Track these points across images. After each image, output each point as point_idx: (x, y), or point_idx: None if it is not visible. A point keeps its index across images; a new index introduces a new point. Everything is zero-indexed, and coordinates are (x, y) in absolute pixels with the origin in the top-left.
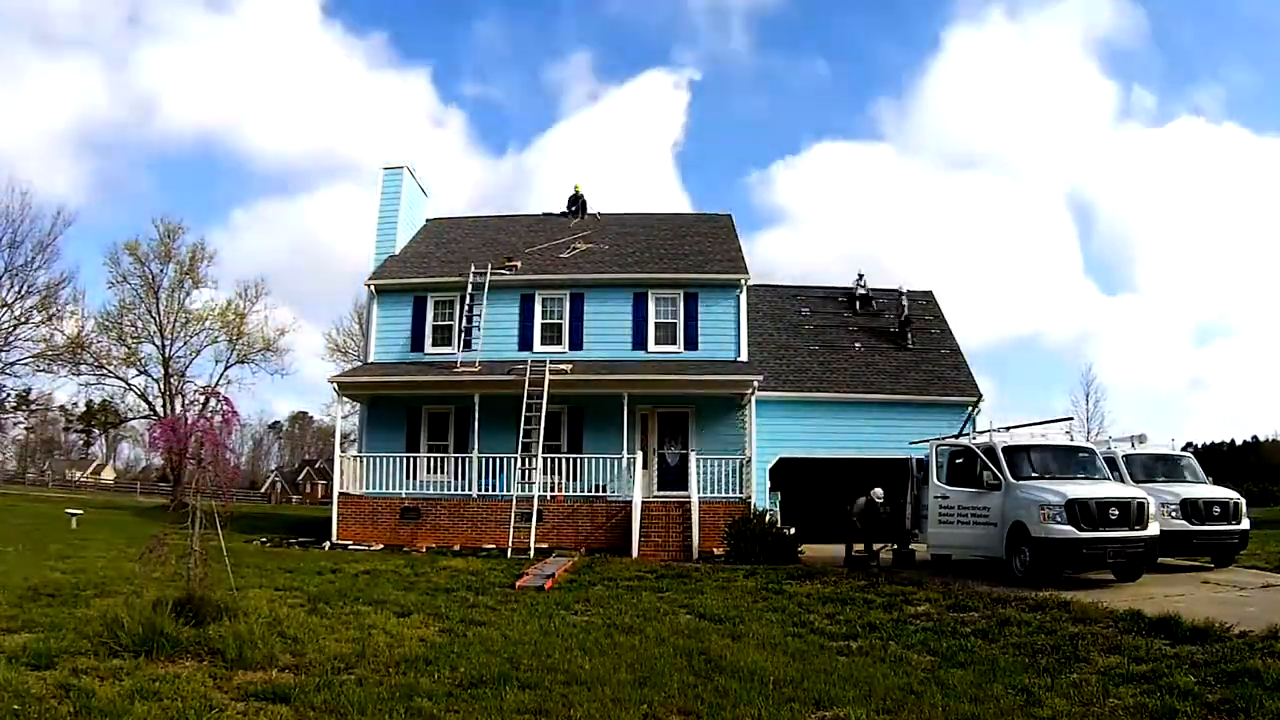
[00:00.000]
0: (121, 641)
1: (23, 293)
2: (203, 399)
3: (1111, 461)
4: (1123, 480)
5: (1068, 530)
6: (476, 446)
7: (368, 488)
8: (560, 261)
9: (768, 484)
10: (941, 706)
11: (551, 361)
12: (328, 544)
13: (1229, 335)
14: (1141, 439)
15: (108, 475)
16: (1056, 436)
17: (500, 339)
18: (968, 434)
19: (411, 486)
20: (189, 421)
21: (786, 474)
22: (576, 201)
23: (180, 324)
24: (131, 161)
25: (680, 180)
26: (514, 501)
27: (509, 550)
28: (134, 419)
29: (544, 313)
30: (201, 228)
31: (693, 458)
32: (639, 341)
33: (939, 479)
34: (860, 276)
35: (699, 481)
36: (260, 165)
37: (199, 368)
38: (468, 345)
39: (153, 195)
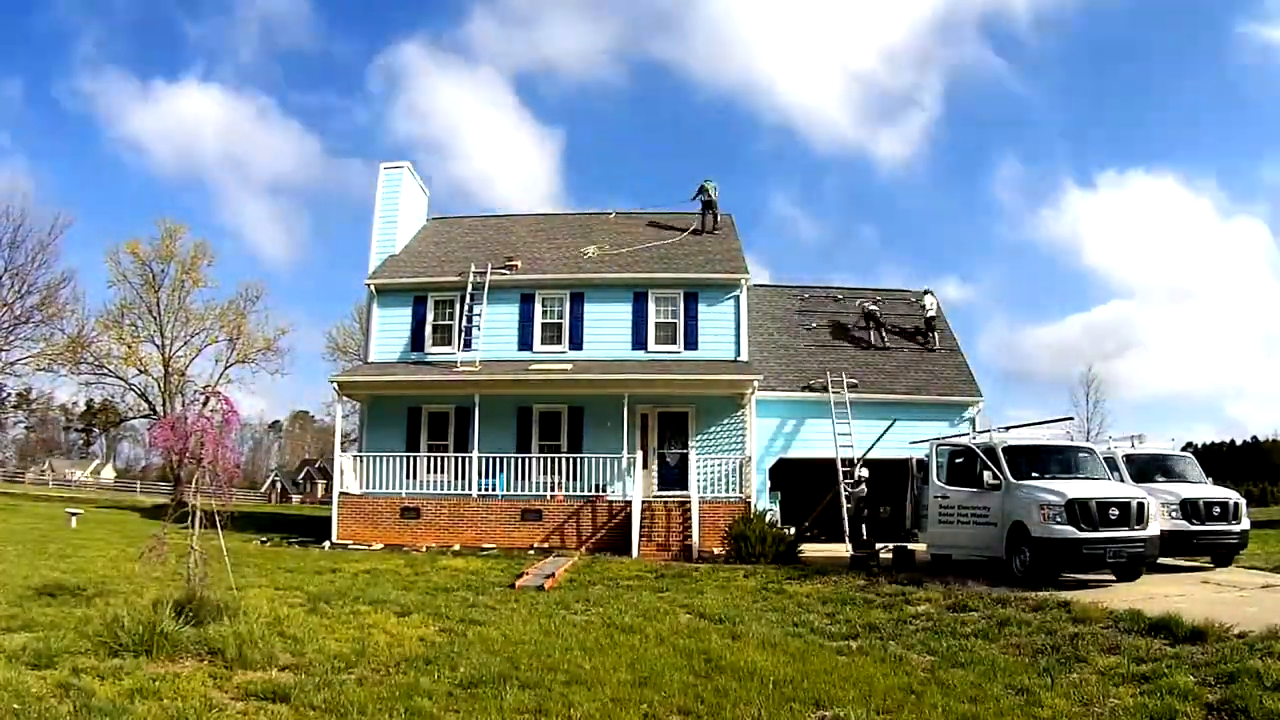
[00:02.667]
0: (121, 641)
1: (23, 292)
2: (203, 398)
3: (1111, 461)
4: (1123, 480)
5: (1068, 530)
6: (476, 446)
7: (368, 487)
8: (561, 261)
9: (768, 484)
10: (941, 706)
11: (554, 361)
12: (327, 543)
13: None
14: (1141, 439)
15: (108, 475)
16: (1056, 436)
17: (500, 339)
18: (968, 434)
19: (411, 486)
20: (189, 421)
21: (786, 474)
22: (709, 204)
23: (181, 323)
24: None
25: None
26: (514, 501)
27: (509, 550)
28: (134, 418)
29: (544, 313)
30: None
31: (693, 457)
32: (639, 341)
33: (939, 479)
34: (870, 302)
35: (699, 481)
36: None
37: (199, 367)
38: (468, 345)
39: None
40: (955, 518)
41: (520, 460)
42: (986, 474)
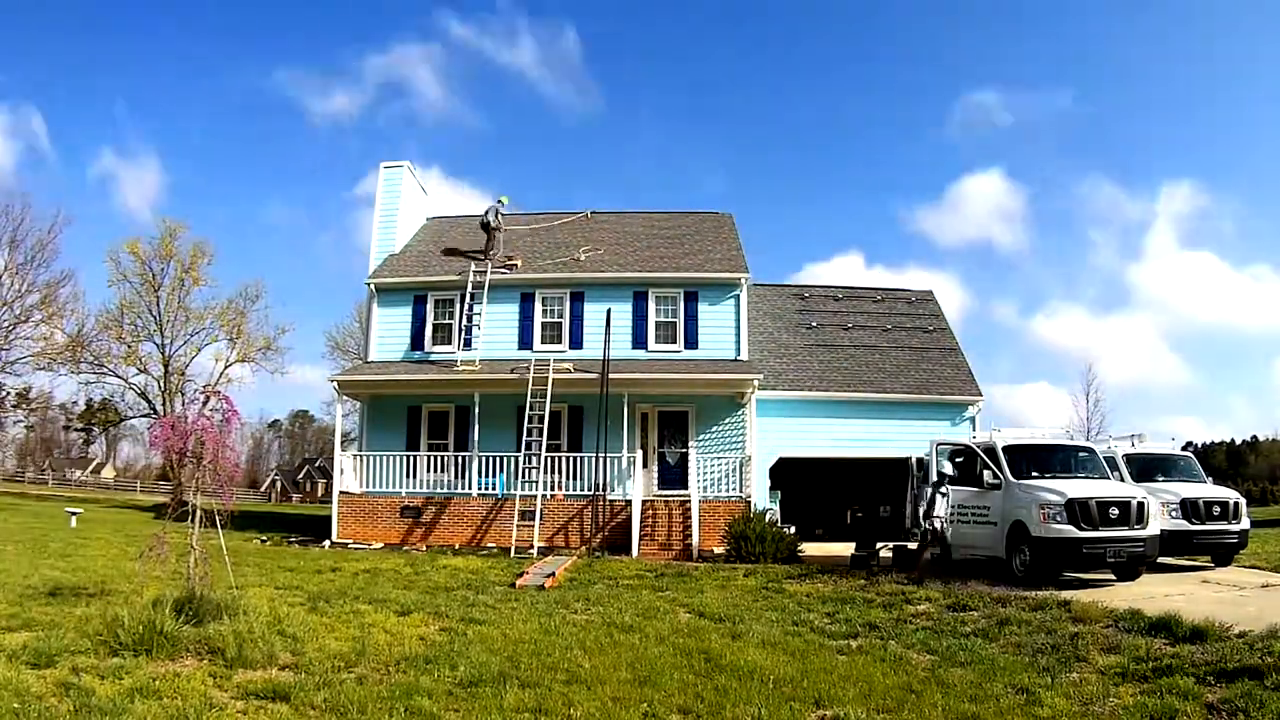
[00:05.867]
0: (121, 640)
1: (23, 291)
2: (203, 398)
3: (1111, 461)
4: (1123, 480)
5: (1068, 529)
6: (476, 445)
7: (368, 486)
8: (560, 261)
9: (768, 483)
10: (941, 706)
11: (555, 360)
12: (328, 543)
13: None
14: (1141, 438)
15: (108, 474)
16: (1056, 436)
17: (500, 338)
18: (968, 434)
19: (412, 485)
20: (189, 420)
21: (786, 473)
22: (487, 227)
23: (181, 322)
24: None
25: None
26: (514, 500)
27: (509, 549)
28: (134, 418)
29: (544, 312)
30: None
31: (693, 457)
32: (639, 341)
33: None
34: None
35: (699, 480)
36: None
37: (199, 366)
38: (468, 344)
39: None
40: (955, 517)
41: (520, 459)
42: (987, 473)
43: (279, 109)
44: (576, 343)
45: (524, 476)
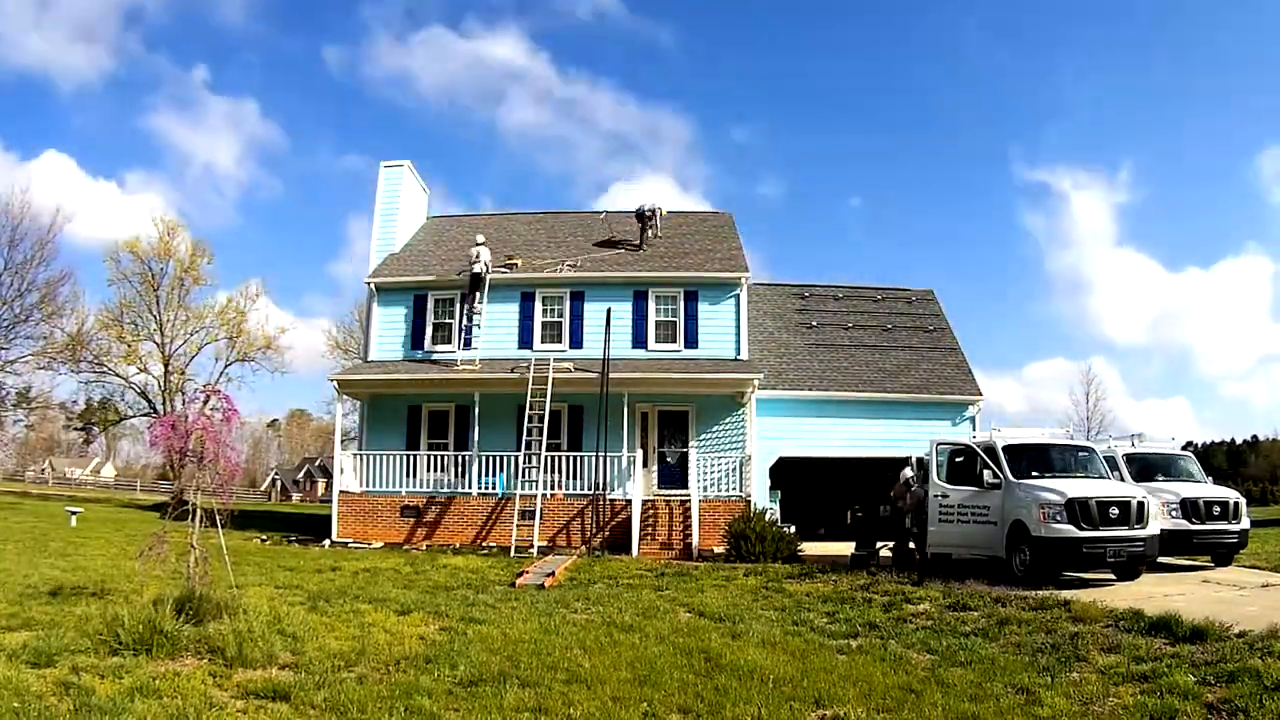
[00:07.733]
0: (121, 639)
1: (22, 290)
2: (203, 397)
3: (1111, 460)
4: (1123, 479)
5: (1068, 529)
6: (476, 445)
7: (368, 486)
8: (560, 260)
9: (768, 483)
10: (941, 705)
11: (555, 359)
12: (328, 542)
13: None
14: (1140, 438)
15: (108, 473)
16: (1056, 436)
17: (500, 337)
18: (968, 434)
19: (412, 485)
20: (189, 419)
21: (786, 473)
22: (644, 218)
23: (180, 321)
24: None
25: None
26: (514, 500)
27: (509, 549)
28: (134, 417)
29: (544, 311)
30: None
31: (693, 456)
32: (639, 340)
33: (939, 478)
34: None
35: (699, 480)
36: None
37: (199, 365)
38: (468, 343)
39: None
40: (955, 517)
41: (520, 459)
42: (986, 473)
43: None
44: (576, 342)
45: (524, 476)
